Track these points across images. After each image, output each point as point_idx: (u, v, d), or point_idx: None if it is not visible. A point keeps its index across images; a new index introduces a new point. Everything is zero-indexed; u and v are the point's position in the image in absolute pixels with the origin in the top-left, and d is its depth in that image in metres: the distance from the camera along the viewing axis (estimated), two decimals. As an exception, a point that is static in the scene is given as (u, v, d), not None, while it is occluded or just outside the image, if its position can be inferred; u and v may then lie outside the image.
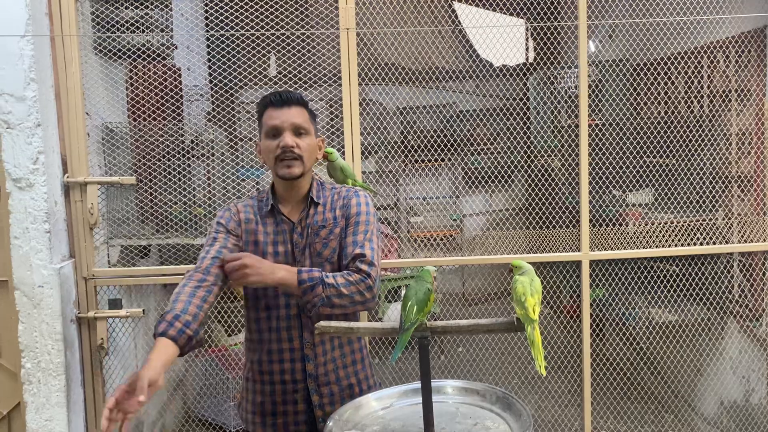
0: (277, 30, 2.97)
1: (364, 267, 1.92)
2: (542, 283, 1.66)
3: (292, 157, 1.97)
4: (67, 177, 2.85)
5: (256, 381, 2.06)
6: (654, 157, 3.62)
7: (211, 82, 3.98)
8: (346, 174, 2.35)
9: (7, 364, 2.80)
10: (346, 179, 2.34)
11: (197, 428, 3.81)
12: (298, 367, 2.02)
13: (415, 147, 5.54)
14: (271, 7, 3.00)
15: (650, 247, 3.21)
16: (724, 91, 3.57)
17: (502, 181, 4.21)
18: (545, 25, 3.22)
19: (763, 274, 3.38)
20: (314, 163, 2.09)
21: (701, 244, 3.22)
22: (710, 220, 3.34)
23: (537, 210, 3.45)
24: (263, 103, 2.02)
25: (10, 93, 2.64)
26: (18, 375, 2.76)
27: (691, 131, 3.44)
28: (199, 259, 1.98)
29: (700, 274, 3.40)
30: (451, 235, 5.28)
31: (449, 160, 5.63)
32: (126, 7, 3.06)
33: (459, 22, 4.64)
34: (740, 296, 3.54)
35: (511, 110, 3.71)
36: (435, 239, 4.03)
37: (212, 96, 3.76)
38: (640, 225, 3.34)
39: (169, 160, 3.12)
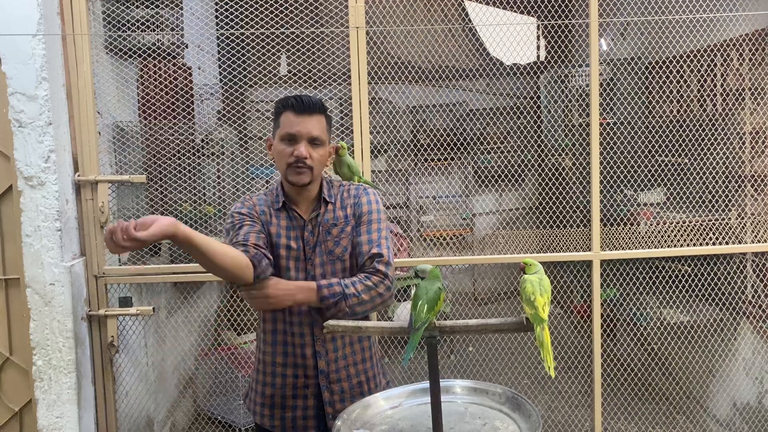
0: (288, 28, 2.97)
1: (381, 267, 1.96)
2: (553, 282, 1.65)
3: (304, 167, 1.98)
4: (78, 175, 2.87)
5: (267, 374, 2.07)
6: (666, 155, 3.59)
7: (221, 81, 3.99)
8: (353, 171, 2.34)
9: (19, 361, 2.82)
10: (353, 176, 2.33)
11: (207, 426, 3.82)
12: (310, 363, 2.03)
13: (426, 146, 5.54)
14: (282, 5, 3.00)
15: (662, 246, 3.18)
16: (737, 90, 3.53)
17: (513, 180, 4.20)
18: (556, 23, 3.20)
19: (777, 274, 3.35)
20: (323, 170, 2.10)
21: (714, 244, 3.18)
22: (723, 219, 3.30)
23: (548, 209, 3.43)
24: (284, 104, 2.00)
25: (22, 92, 2.66)
26: (29, 372, 2.78)
27: (704, 130, 3.41)
28: (230, 241, 1.98)
29: (712, 275, 3.37)
30: (461, 234, 5.27)
31: (460, 159, 5.62)
32: (137, 6, 3.07)
33: (470, 20, 4.62)
34: (753, 297, 3.50)
35: (522, 109, 3.69)
36: (445, 238, 4.03)
37: (223, 95, 3.77)
38: (651, 224, 3.31)
39: (179, 158, 3.13)
